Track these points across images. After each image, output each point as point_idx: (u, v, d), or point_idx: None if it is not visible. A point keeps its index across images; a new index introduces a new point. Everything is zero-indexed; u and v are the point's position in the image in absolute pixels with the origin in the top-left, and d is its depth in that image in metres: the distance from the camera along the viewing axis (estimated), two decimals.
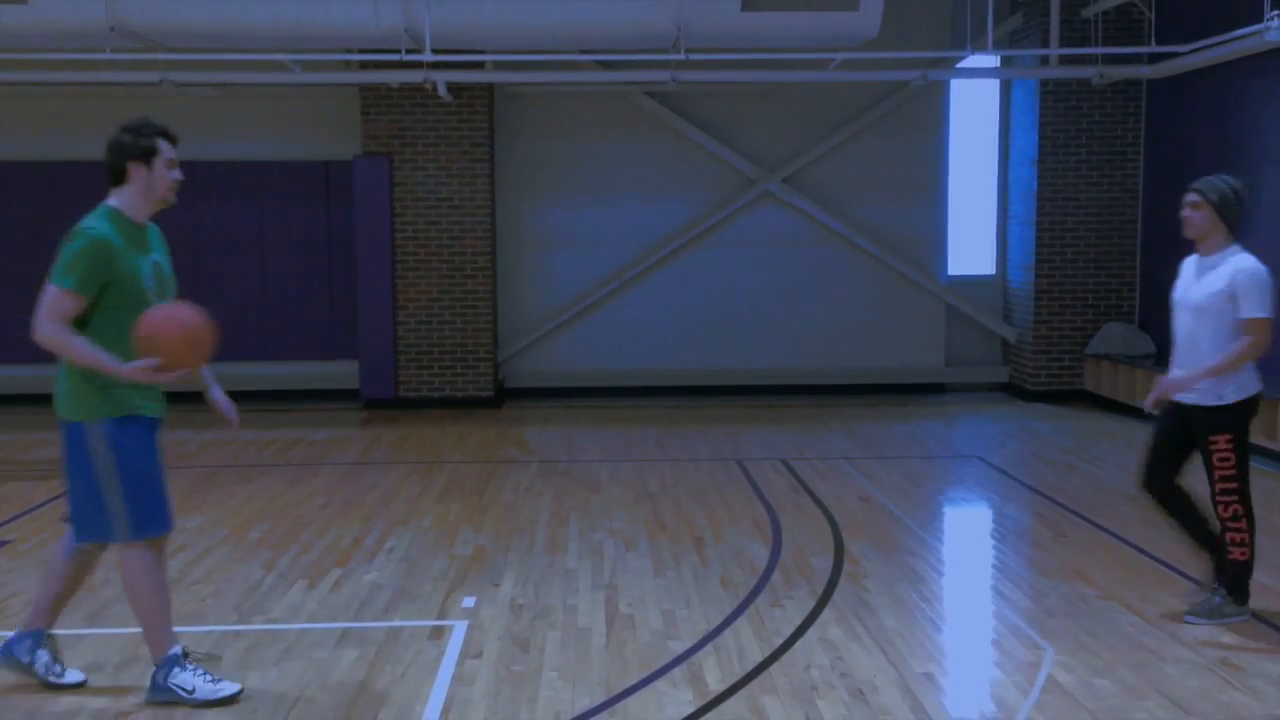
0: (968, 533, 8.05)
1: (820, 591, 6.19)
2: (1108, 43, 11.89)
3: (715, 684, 4.93)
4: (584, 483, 8.93)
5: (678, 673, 5.07)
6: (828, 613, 5.85)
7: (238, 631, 5.63)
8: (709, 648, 5.37)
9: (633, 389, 13.29)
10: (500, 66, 11.88)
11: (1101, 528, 7.46)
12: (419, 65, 10.68)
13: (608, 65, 12.60)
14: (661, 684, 4.95)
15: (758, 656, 5.25)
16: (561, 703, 4.76)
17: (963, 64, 12.72)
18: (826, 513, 7.89)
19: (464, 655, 5.29)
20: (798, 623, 5.69)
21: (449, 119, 12.51)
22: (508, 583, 6.39)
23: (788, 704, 4.72)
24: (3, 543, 7.22)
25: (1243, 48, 9.65)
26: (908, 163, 13.34)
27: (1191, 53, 10.60)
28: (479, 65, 11.59)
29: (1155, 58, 11.47)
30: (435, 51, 10.19)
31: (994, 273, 13.71)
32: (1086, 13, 12.00)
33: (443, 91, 11.29)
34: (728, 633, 5.56)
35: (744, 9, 9.84)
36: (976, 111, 13.53)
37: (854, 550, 6.98)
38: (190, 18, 9.79)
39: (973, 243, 13.69)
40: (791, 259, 13.37)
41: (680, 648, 5.36)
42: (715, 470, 9.35)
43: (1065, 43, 11.89)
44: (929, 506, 8.40)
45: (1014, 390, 13.24)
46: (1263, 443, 9.43)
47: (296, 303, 12.95)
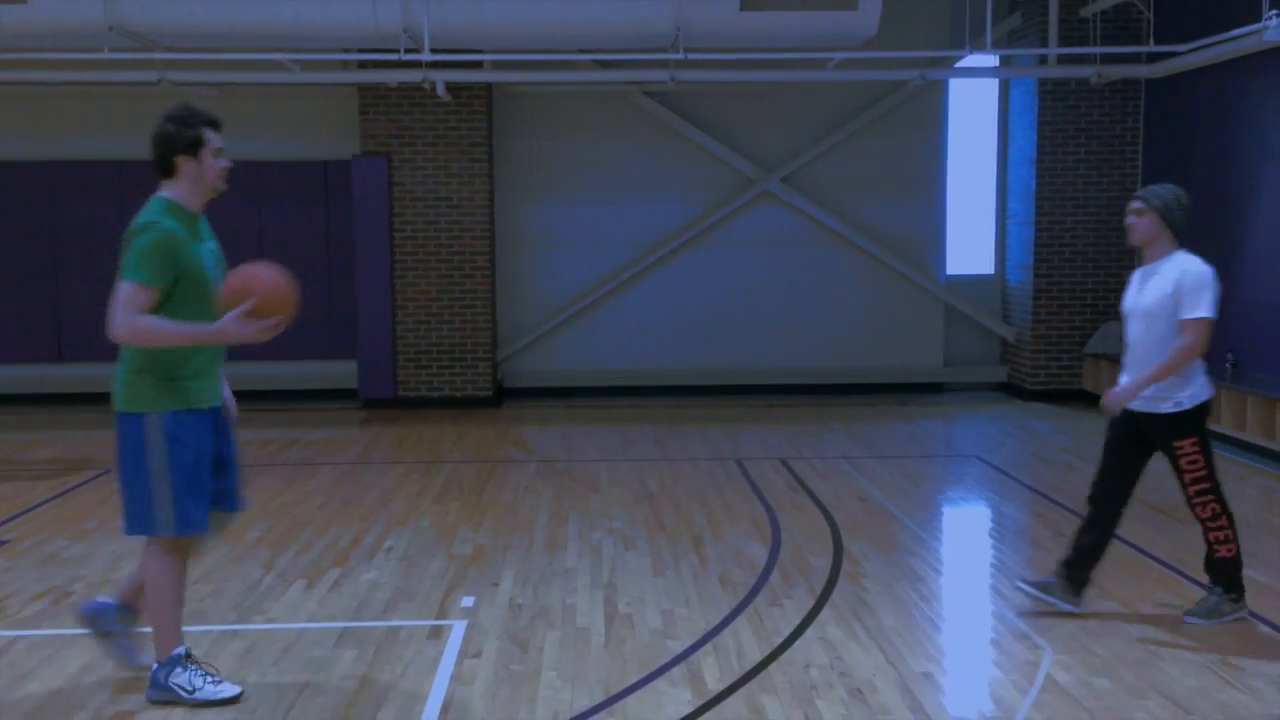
0: (967, 532, 8.05)
1: (819, 591, 6.19)
2: (1106, 42, 11.90)
3: (714, 683, 4.93)
4: (583, 482, 8.93)
5: (677, 672, 5.07)
6: (827, 612, 5.85)
7: (236, 631, 5.62)
8: (708, 647, 5.37)
9: (632, 389, 13.29)
10: (499, 66, 11.88)
11: None
12: (418, 65, 10.68)
13: (606, 65, 12.60)
14: (660, 683, 4.95)
15: (757, 656, 5.25)
16: (560, 702, 4.77)
17: (961, 63, 12.71)
18: (825, 512, 7.90)
19: (463, 655, 5.29)
20: (797, 622, 5.69)
21: (448, 119, 12.51)
22: (507, 582, 6.40)
23: (787, 703, 4.73)
24: (1, 542, 7.22)
25: (1241, 47, 9.66)
26: (906, 162, 13.34)
27: (1190, 52, 10.60)
28: (478, 65, 11.59)
29: (1154, 57, 11.47)
30: (434, 51, 10.20)
31: (993, 272, 13.71)
32: (1085, 12, 12.00)
33: (441, 91, 11.29)
34: (727, 632, 5.57)
35: (742, 9, 9.85)
36: (975, 111, 13.53)
37: (853, 550, 6.99)
38: (189, 17, 9.80)
39: (971, 242, 13.69)
40: (790, 259, 13.37)
41: (679, 647, 5.36)
42: (714, 470, 9.35)
43: (1064, 42, 11.90)
44: (928, 506, 8.41)
45: (1013, 390, 13.25)
46: (1262, 442, 9.44)
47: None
